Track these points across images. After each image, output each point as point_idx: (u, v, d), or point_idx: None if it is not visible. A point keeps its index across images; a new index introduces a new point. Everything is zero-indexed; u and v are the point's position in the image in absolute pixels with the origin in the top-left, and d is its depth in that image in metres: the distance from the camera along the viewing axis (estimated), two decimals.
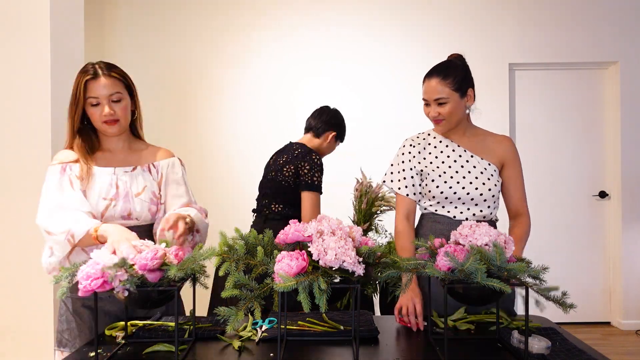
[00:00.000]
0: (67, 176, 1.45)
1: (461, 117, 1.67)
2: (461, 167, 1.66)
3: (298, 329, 1.34)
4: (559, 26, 3.84)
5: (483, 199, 1.64)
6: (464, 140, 1.71)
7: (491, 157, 1.68)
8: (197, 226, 1.47)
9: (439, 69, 1.64)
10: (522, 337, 1.19)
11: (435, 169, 1.68)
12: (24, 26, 2.34)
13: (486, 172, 1.66)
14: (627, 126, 3.81)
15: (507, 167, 1.68)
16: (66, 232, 1.34)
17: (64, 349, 1.47)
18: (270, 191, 2.15)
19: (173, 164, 1.60)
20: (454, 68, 1.65)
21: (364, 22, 3.87)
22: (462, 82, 1.63)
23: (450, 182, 1.65)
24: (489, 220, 1.68)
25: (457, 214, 1.66)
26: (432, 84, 1.62)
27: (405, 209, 1.70)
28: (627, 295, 3.82)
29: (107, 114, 1.45)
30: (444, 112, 1.62)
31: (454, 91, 1.61)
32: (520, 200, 1.69)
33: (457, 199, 1.64)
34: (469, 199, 1.64)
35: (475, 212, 1.65)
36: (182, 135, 3.85)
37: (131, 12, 3.90)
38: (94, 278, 1.05)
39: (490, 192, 1.64)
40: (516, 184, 1.69)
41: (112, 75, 1.47)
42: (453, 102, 1.61)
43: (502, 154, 1.69)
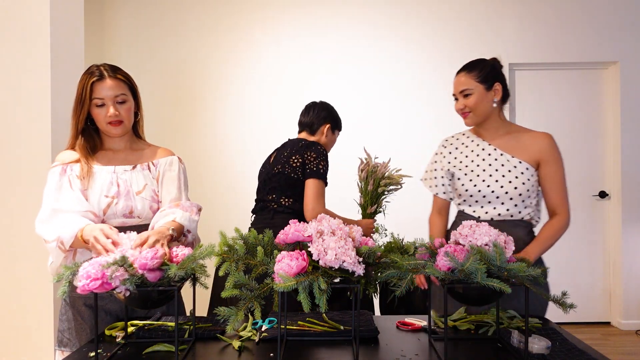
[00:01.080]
0: (67, 176, 1.47)
1: (488, 111, 1.69)
2: (489, 165, 1.68)
3: (298, 329, 1.34)
4: (559, 26, 3.84)
5: (509, 197, 1.64)
6: (497, 139, 1.72)
7: (523, 155, 1.66)
8: (186, 228, 1.47)
9: (466, 64, 1.72)
10: (522, 337, 1.19)
11: (462, 168, 1.73)
12: (24, 27, 2.34)
13: (515, 170, 1.65)
14: (627, 126, 3.82)
15: (543, 164, 1.66)
16: (56, 240, 1.36)
17: (64, 348, 1.47)
18: (278, 185, 2.06)
19: (171, 161, 1.61)
20: (481, 63, 1.71)
21: (365, 22, 3.87)
22: (487, 75, 1.68)
23: (475, 180, 1.68)
24: (519, 220, 1.66)
25: (482, 214, 1.68)
26: (458, 78, 1.71)
27: (438, 207, 1.84)
28: (627, 295, 3.82)
29: (112, 115, 1.47)
30: (469, 103, 1.67)
31: (479, 83, 1.67)
32: (555, 200, 1.65)
33: (482, 197, 1.67)
34: (494, 197, 1.65)
35: (502, 212, 1.65)
36: (182, 135, 3.86)
37: (131, 12, 3.91)
38: (93, 278, 1.05)
39: (517, 191, 1.63)
40: (552, 182, 1.65)
41: (117, 77, 1.49)
42: (478, 93, 1.66)
43: (537, 151, 1.65)
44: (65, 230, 1.35)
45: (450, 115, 3.80)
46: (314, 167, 2.00)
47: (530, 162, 1.65)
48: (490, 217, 1.66)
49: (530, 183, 1.64)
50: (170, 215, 1.46)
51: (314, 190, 1.98)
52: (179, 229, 1.43)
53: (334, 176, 2.27)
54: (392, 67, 3.86)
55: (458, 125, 1.87)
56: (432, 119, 3.81)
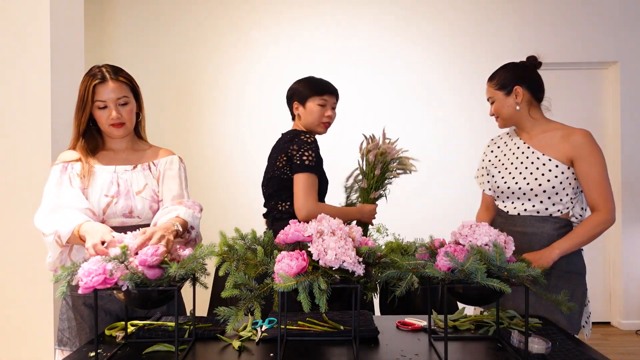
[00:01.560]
0: (67, 174, 1.48)
1: (512, 114, 1.78)
2: (520, 163, 1.77)
3: (298, 329, 1.34)
4: (559, 26, 3.84)
5: (534, 193, 1.69)
6: (532, 137, 1.79)
7: (554, 152, 1.70)
8: (189, 224, 1.47)
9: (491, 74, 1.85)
10: (522, 337, 1.19)
11: (498, 165, 1.84)
12: (24, 28, 2.34)
13: (543, 167, 1.70)
14: (627, 126, 3.82)
15: (577, 162, 1.68)
16: (54, 233, 1.37)
17: (64, 347, 1.47)
18: (273, 190, 1.95)
19: (172, 161, 1.61)
20: (502, 69, 1.82)
21: (364, 22, 3.87)
22: (505, 81, 1.77)
23: (506, 176, 1.78)
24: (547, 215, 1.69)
25: (511, 209, 1.77)
26: (486, 87, 1.85)
27: (485, 203, 1.96)
28: (627, 296, 3.82)
29: (115, 117, 1.48)
30: (494, 109, 1.82)
31: (497, 90, 1.79)
32: (591, 196, 1.66)
33: (511, 192, 1.76)
34: (522, 193, 1.73)
35: (528, 207, 1.72)
36: (183, 135, 3.86)
37: (131, 12, 3.90)
38: (95, 274, 1.05)
39: (542, 187, 1.68)
40: (587, 179, 1.66)
41: (119, 79, 1.50)
42: (498, 100, 1.79)
43: (569, 148, 1.68)
44: (63, 225, 1.36)
45: (450, 115, 3.83)
46: (298, 161, 1.83)
47: (560, 159, 1.69)
48: (517, 212, 1.75)
49: (559, 180, 1.67)
50: (174, 212, 1.46)
51: (300, 185, 1.82)
52: (184, 225, 1.43)
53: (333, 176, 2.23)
54: (391, 67, 3.86)
55: (458, 126, 1.89)
56: (432, 119, 3.82)
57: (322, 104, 1.94)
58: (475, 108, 3.78)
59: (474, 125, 3.78)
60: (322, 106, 1.94)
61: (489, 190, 1.91)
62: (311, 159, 1.83)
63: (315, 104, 1.94)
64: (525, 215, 1.72)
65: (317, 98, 1.94)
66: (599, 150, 1.69)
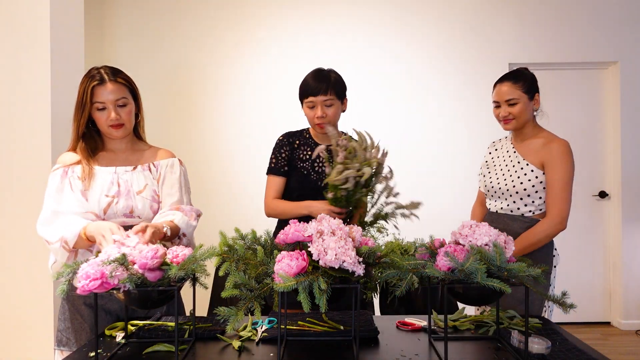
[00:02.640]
0: (67, 179, 1.48)
1: (528, 118, 1.89)
2: (505, 165, 1.94)
3: (298, 329, 1.34)
4: (559, 26, 3.84)
5: (510, 193, 1.87)
6: (520, 143, 1.93)
7: (532, 158, 1.86)
8: (182, 231, 1.48)
9: (510, 75, 1.89)
10: (522, 337, 1.19)
11: (490, 166, 2.02)
12: (24, 28, 2.34)
13: (521, 171, 1.87)
14: (627, 126, 3.81)
15: (546, 167, 1.83)
16: (60, 240, 1.37)
17: (63, 348, 1.47)
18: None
19: (172, 164, 1.62)
20: (524, 74, 1.89)
21: (363, 22, 3.87)
22: (530, 87, 1.87)
23: (493, 177, 1.97)
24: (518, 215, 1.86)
25: (492, 207, 1.97)
26: (504, 87, 1.87)
27: (480, 199, 2.15)
28: (627, 295, 3.82)
29: (113, 119, 1.48)
30: (514, 111, 1.86)
31: (524, 93, 1.85)
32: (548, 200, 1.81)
33: (494, 191, 1.95)
34: (501, 192, 1.91)
35: (503, 206, 1.91)
36: (182, 135, 3.85)
37: (131, 12, 3.90)
38: (92, 278, 1.05)
39: (516, 188, 1.85)
40: (549, 185, 1.80)
41: (118, 80, 1.50)
42: (523, 103, 1.85)
43: (543, 155, 1.83)
44: (68, 230, 1.36)
45: (450, 115, 3.83)
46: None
47: (536, 165, 1.84)
48: (496, 210, 1.94)
49: (531, 183, 1.83)
50: (170, 216, 1.47)
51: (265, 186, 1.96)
52: (175, 229, 1.44)
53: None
54: (392, 67, 3.86)
55: (458, 126, 1.90)
56: (432, 119, 3.81)
57: (310, 106, 1.88)
58: (474, 108, 3.78)
59: (474, 126, 3.78)
60: (311, 108, 1.88)
61: (484, 188, 2.04)
62: (271, 161, 1.95)
63: (306, 107, 1.90)
64: (501, 213, 1.91)
65: (305, 101, 1.89)
66: (569, 161, 1.80)
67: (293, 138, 1.97)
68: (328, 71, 1.91)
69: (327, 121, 1.86)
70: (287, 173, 1.94)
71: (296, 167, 1.93)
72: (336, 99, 1.88)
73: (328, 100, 1.86)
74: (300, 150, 1.95)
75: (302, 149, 1.96)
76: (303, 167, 1.92)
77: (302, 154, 1.95)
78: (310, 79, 1.88)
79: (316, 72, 1.90)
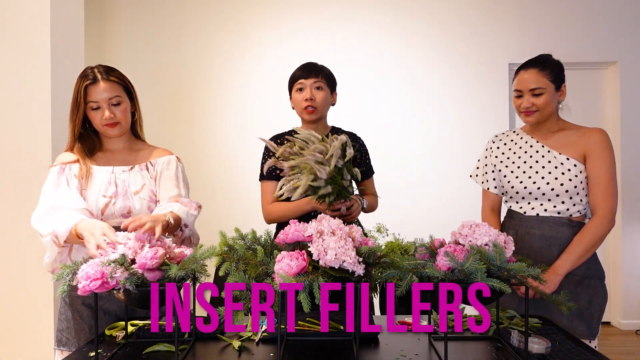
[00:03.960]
0: (65, 175, 1.48)
1: (553, 111, 1.68)
2: (536, 162, 1.68)
3: (298, 329, 1.34)
4: (559, 26, 3.84)
5: (555, 194, 1.63)
6: (548, 137, 1.71)
7: (571, 151, 1.64)
8: (183, 221, 1.47)
9: (536, 61, 1.66)
10: (522, 337, 1.19)
11: (509, 165, 1.74)
12: (25, 28, 2.34)
13: (562, 166, 1.63)
14: (627, 126, 3.82)
15: (588, 159, 1.62)
16: (51, 234, 1.36)
17: (63, 348, 1.47)
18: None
19: (169, 161, 1.61)
20: (551, 61, 1.66)
21: (363, 21, 3.87)
22: (557, 76, 1.65)
23: (522, 176, 1.69)
24: (566, 217, 1.64)
25: (528, 210, 1.68)
26: (528, 75, 1.64)
27: (490, 202, 1.81)
28: (627, 295, 3.82)
29: (108, 118, 1.47)
30: (538, 102, 1.64)
31: (551, 82, 1.63)
32: (594, 197, 1.61)
33: (528, 193, 1.67)
34: (540, 193, 1.65)
35: (548, 208, 1.65)
36: (183, 136, 3.86)
37: (131, 13, 3.90)
38: (93, 279, 1.05)
39: (563, 187, 1.62)
40: (594, 178, 1.60)
41: (110, 79, 1.49)
42: (549, 93, 1.63)
43: (583, 146, 1.63)
44: (60, 225, 1.35)
45: (450, 115, 3.82)
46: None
47: (577, 158, 1.63)
48: (536, 213, 1.66)
49: (579, 179, 1.62)
50: (168, 208, 1.46)
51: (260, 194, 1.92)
52: (177, 220, 1.42)
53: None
54: (391, 68, 3.86)
55: (457, 125, 1.87)
56: (432, 120, 3.81)
57: (299, 88, 1.85)
58: (474, 108, 3.78)
59: (473, 125, 3.78)
60: (300, 91, 1.85)
61: (495, 189, 1.80)
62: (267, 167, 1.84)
63: (295, 92, 1.88)
64: (545, 216, 1.65)
65: (295, 84, 1.88)
66: (612, 151, 1.62)
67: (281, 139, 1.91)
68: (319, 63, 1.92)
69: (316, 105, 1.81)
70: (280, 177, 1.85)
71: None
72: (326, 85, 1.84)
73: (317, 83, 1.82)
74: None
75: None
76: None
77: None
78: (300, 67, 1.89)
79: (306, 63, 1.92)
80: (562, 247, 1.62)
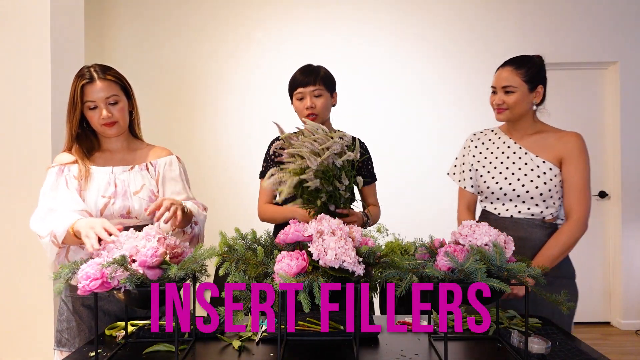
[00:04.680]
0: (63, 176, 1.47)
1: (524, 111, 1.67)
2: (512, 163, 1.69)
3: (298, 329, 1.34)
4: (559, 26, 3.84)
5: (530, 196, 1.64)
6: (525, 138, 1.71)
7: (547, 154, 1.65)
8: (195, 218, 1.47)
9: (514, 59, 1.67)
10: (522, 337, 1.19)
11: (486, 165, 1.74)
12: (24, 28, 2.34)
13: (538, 169, 1.65)
14: (627, 126, 3.81)
15: (564, 164, 1.64)
16: (50, 234, 1.36)
17: (63, 348, 1.47)
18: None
19: (171, 162, 1.60)
20: (529, 62, 1.66)
21: (363, 22, 3.87)
22: (533, 77, 1.64)
23: (498, 177, 1.69)
24: (539, 219, 1.65)
25: (503, 211, 1.69)
26: (504, 73, 1.65)
27: (466, 201, 1.81)
28: (627, 295, 3.81)
29: (105, 117, 1.47)
30: (508, 101, 1.64)
31: (524, 82, 1.63)
32: (569, 201, 1.62)
33: (503, 194, 1.68)
34: (515, 195, 1.66)
35: (522, 210, 1.65)
36: (183, 136, 3.85)
37: (131, 13, 3.90)
38: (93, 279, 1.05)
39: (538, 190, 1.63)
40: (569, 182, 1.62)
41: (107, 78, 1.48)
42: (521, 93, 1.63)
43: (561, 150, 1.64)
44: (58, 225, 1.35)
45: (450, 115, 3.82)
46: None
47: (553, 162, 1.64)
48: (510, 215, 1.67)
49: (553, 183, 1.63)
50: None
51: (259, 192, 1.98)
52: (189, 213, 1.44)
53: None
54: (391, 68, 3.86)
55: (457, 126, 1.87)
56: (432, 120, 3.81)
57: (299, 97, 1.89)
58: (473, 107, 3.77)
59: (473, 125, 3.77)
60: (300, 99, 1.89)
61: (472, 188, 1.80)
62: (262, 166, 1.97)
63: (295, 100, 1.92)
64: (519, 218, 1.66)
65: (294, 94, 1.91)
66: (586, 156, 1.64)
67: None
68: (316, 66, 1.92)
69: (317, 112, 1.84)
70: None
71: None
72: (325, 91, 1.87)
73: (317, 91, 1.85)
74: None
75: None
76: None
77: None
78: (299, 74, 1.91)
79: (304, 67, 1.92)
80: (535, 249, 1.63)
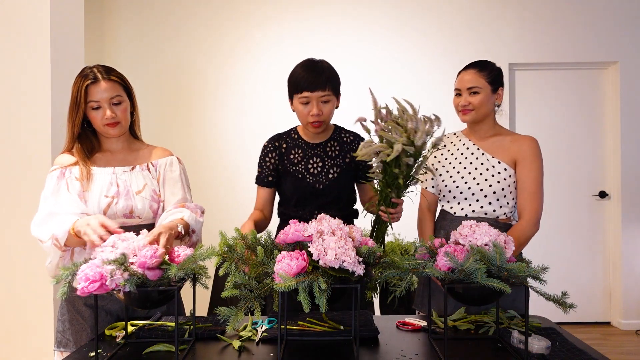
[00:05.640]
0: (65, 180, 1.47)
1: (488, 112, 1.75)
2: (470, 163, 1.75)
3: (298, 329, 1.34)
4: (559, 26, 3.84)
5: (483, 194, 1.70)
6: (483, 140, 1.78)
7: (503, 156, 1.72)
8: (191, 227, 1.47)
9: (476, 63, 1.77)
10: (522, 337, 1.19)
11: (446, 165, 1.80)
12: (25, 27, 2.34)
13: (493, 169, 1.71)
14: (627, 126, 3.82)
15: (518, 165, 1.70)
16: (51, 238, 1.36)
17: (63, 349, 1.47)
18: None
19: (171, 162, 1.61)
20: (490, 65, 1.77)
21: (363, 22, 3.87)
22: (495, 79, 1.74)
23: (455, 176, 1.75)
24: (493, 219, 1.68)
25: (458, 210, 1.74)
26: (468, 75, 1.74)
27: (427, 202, 1.87)
28: (627, 295, 3.82)
29: (109, 117, 1.47)
30: (474, 101, 1.72)
31: (488, 84, 1.72)
32: (521, 202, 1.67)
33: (459, 193, 1.73)
34: (470, 193, 1.71)
35: (476, 209, 1.70)
36: (183, 136, 3.86)
37: (131, 13, 3.90)
38: (91, 281, 1.05)
39: (491, 189, 1.69)
40: (522, 183, 1.67)
41: (111, 78, 1.49)
42: (485, 93, 1.72)
43: (515, 152, 1.71)
44: (59, 227, 1.36)
45: (450, 115, 3.82)
46: None
47: (508, 163, 1.71)
48: (464, 214, 1.72)
49: (507, 183, 1.69)
50: (178, 214, 1.46)
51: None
52: (186, 227, 1.44)
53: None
54: (391, 68, 3.86)
55: (458, 126, 1.87)
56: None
57: (304, 102, 1.67)
58: None
59: None
60: (305, 104, 1.68)
61: (432, 188, 1.84)
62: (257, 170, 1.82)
63: (298, 102, 1.69)
64: (473, 217, 1.69)
65: (298, 96, 1.69)
66: (541, 159, 1.71)
67: (279, 142, 1.81)
68: (320, 63, 1.71)
69: (323, 119, 1.69)
70: (273, 183, 1.80)
71: (289, 172, 1.76)
72: (333, 95, 1.69)
73: (325, 97, 1.66)
74: (290, 154, 1.78)
75: (292, 152, 1.78)
76: (296, 170, 1.75)
77: (293, 157, 1.77)
78: (304, 72, 1.67)
79: (308, 64, 1.70)
80: None
